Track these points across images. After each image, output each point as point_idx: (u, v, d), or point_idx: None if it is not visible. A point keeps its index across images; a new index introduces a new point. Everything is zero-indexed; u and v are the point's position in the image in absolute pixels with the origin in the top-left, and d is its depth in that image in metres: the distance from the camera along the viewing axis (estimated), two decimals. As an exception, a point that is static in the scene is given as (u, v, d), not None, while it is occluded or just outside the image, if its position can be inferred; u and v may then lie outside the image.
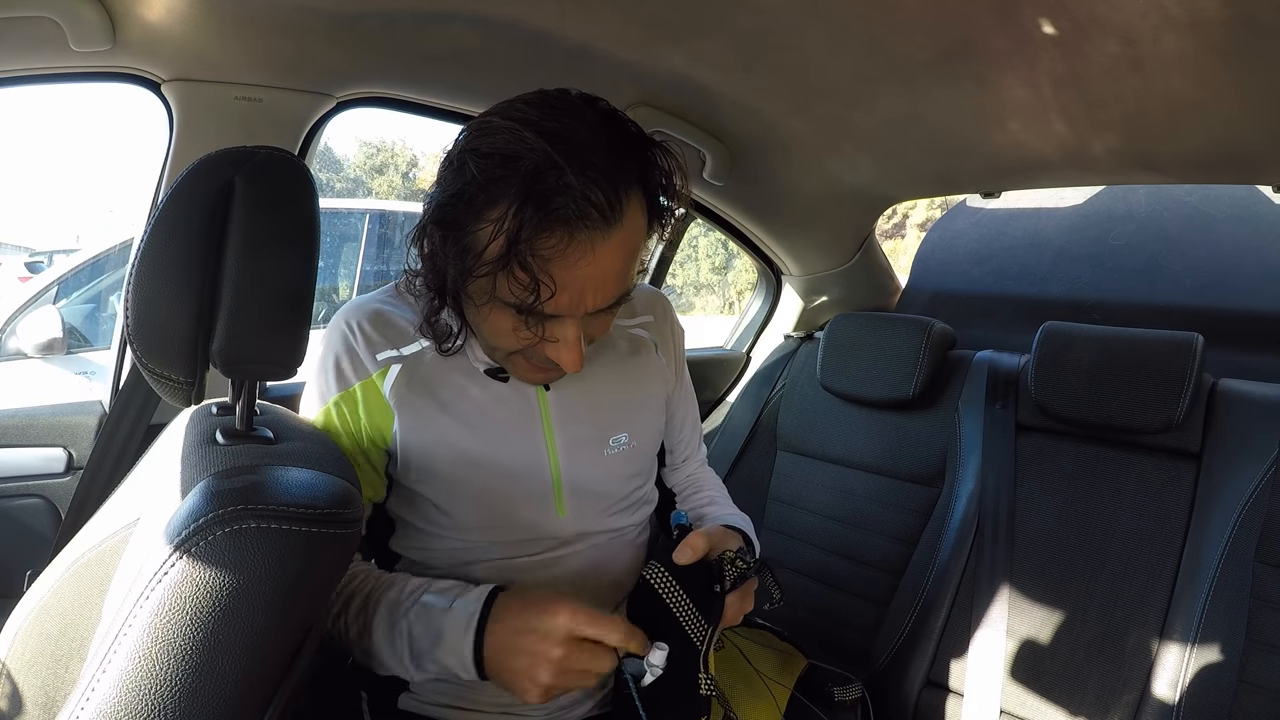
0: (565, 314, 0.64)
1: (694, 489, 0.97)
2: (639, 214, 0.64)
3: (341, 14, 0.86)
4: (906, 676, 1.15)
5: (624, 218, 0.61)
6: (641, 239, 0.66)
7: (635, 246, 0.65)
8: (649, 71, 1.02)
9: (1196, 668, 0.97)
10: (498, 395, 0.77)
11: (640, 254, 0.68)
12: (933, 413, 1.37)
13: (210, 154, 0.57)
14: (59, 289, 2.90)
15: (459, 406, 0.75)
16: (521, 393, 0.78)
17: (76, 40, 0.83)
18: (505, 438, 0.76)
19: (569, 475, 0.79)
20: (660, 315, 0.91)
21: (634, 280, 0.69)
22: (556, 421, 0.79)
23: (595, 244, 0.60)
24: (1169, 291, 1.45)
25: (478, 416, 0.76)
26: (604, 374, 0.83)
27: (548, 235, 0.58)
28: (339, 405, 0.74)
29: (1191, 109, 0.88)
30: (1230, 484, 1.05)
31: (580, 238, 0.59)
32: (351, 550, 0.54)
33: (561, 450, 0.78)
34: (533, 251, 0.59)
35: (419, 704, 0.78)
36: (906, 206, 5.37)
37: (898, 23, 0.82)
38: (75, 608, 0.56)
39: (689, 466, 0.99)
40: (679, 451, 0.97)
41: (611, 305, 0.67)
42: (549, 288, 0.60)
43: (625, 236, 0.63)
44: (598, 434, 0.81)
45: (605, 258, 0.62)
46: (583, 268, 0.61)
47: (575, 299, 0.63)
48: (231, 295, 0.55)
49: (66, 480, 1.10)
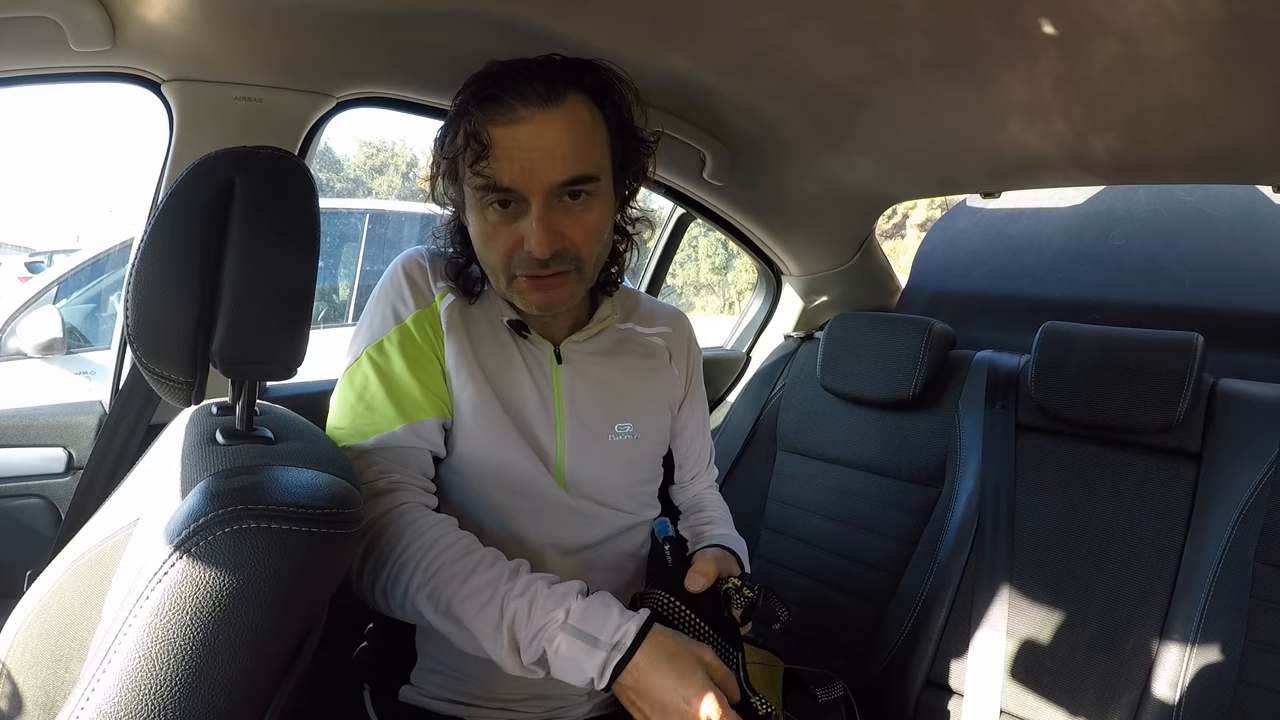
0: (523, 189, 0.70)
1: (697, 509, 0.99)
2: (583, 108, 0.72)
3: (341, 14, 0.86)
4: (906, 676, 1.15)
5: (564, 104, 0.70)
6: (590, 129, 0.72)
7: (582, 131, 0.71)
8: (649, 71, 1.02)
9: (1196, 668, 0.97)
10: (523, 357, 0.81)
11: (594, 148, 0.73)
12: (933, 413, 1.37)
13: (210, 154, 0.57)
14: (59, 289, 2.90)
15: (490, 356, 0.80)
16: (540, 363, 0.82)
17: (76, 40, 0.83)
18: (523, 397, 0.80)
19: (572, 452, 0.81)
20: (678, 329, 0.95)
21: (594, 173, 0.73)
22: (567, 397, 0.82)
23: (534, 114, 0.69)
24: (1169, 291, 1.45)
25: (505, 369, 0.80)
26: (617, 367, 0.87)
27: (491, 107, 0.69)
28: (405, 330, 0.78)
29: (1191, 109, 0.88)
30: (1230, 484, 1.05)
31: (520, 109, 0.68)
32: (352, 550, 0.54)
33: (569, 427, 0.81)
34: (479, 122, 0.69)
35: (420, 697, 0.79)
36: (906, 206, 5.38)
37: (898, 23, 0.82)
38: (75, 608, 0.56)
39: (697, 485, 1.00)
40: (687, 468, 0.98)
41: (569, 184, 0.71)
42: (489, 145, 0.68)
43: (568, 119, 0.70)
44: (605, 417, 0.84)
45: (547, 127, 0.69)
46: (523, 130, 0.69)
47: (526, 168, 0.69)
48: (231, 295, 0.55)
49: (66, 480, 1.10)
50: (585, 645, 0.63)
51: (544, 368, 0.82)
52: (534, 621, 0.64)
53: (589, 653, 0.63)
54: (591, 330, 0.85)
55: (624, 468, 0.85)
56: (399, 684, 0.80)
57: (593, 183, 0.73)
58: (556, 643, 0.63)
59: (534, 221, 0.70)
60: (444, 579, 0.66)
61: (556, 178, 0.70)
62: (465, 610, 0.65)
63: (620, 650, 0.63)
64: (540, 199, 0.70)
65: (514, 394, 0.80)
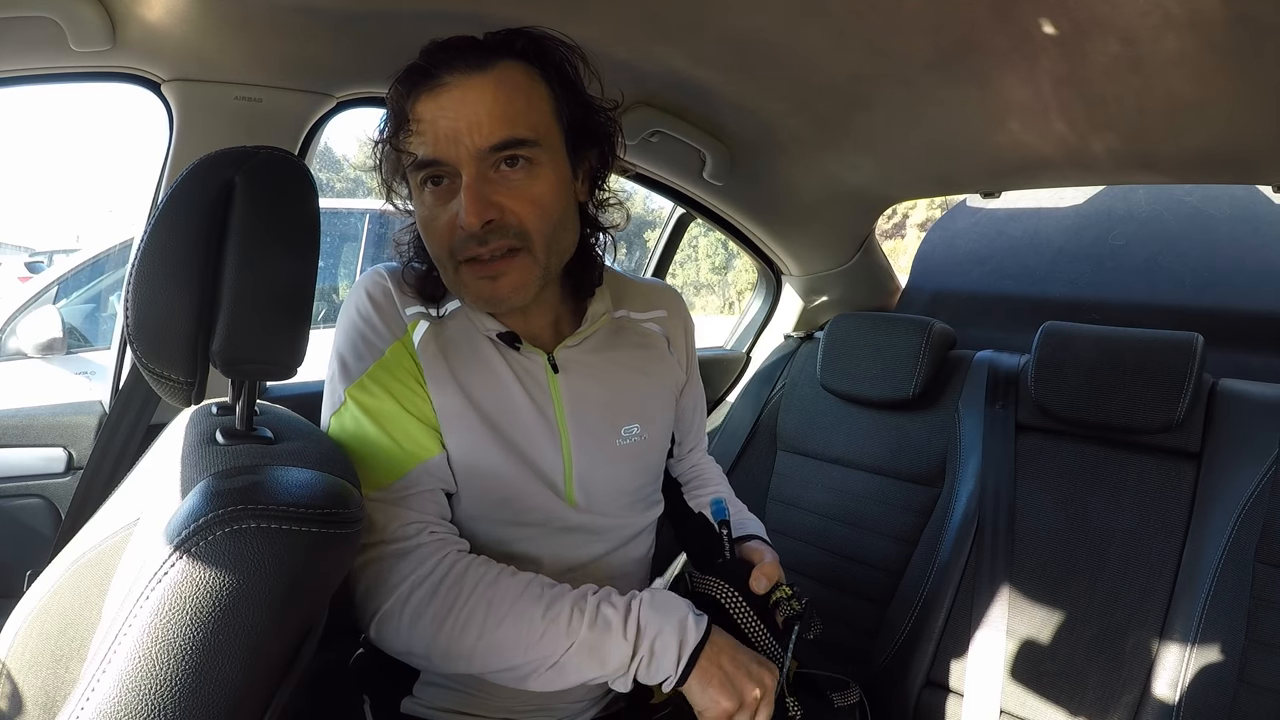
0: (450, 159, 0.67)
1: (700, 482, 0.98)
2: (517, 71, 0.68)
3: (341, 14, 0.86)
4: (906, 676, 1.15)
5: (492, 68, 0.67)
6: (523, 89, 0.68)
7: (513, 91, 0.68)
8: (649, 71, 1.02)
9: (1196, 668, 0.97)
10: (515, 374, 0.76)
11: (529, 108, 0.68)
12: (933, 413, 1.37)
13: (210, 154, 0.57)
14: (59, 289, 2.90)
15: (478, 378, 0.75)
16: (535, 376, 0.77)
17: (76, 40, 0.83)
18: (520, 417, 0.76)
19: (580, 462, 0.78)
20: (673, 311, 0.92)
21: (529, 136, 0.68)
22: (569, 406, 0.78)
23: (459, 81, 0.66)
24: (1169, 291, 1.45)
25: (497, 392, 0.75)
26: (616, 364, 0.82)
27: (418, 79, 0.67)
28: (377, 375, 0.72)
29: (1191, 109, 0.88)
30: (1230, 484, 1.05)
31: (445, 78, 0.66)
32: (352, 550, 0.54)
33: (574, 437, 0.78)
34: (406, 100, 0.68)
35: (422, 708, 0.78)
36: (906, 206, 5.37)
37: (898, 23, 0.82)
38: (75, 608, 0.56)
39: (694, 456, 1.01)
40: (686, 442, 0.98)
41: (499, 148, 0.67)
42: (415, 120, 0.67)
43: (497, 80, 0.67)
44: (610, 422, 0.80)
45: (473, 91, 0.66)
46: (447, 98, 0.66)
47: (450, 136, 0.66)
48: (231, 295, 0.55)
49: (66, 480, 1.10)
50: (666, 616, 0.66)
51: (539, 379, 0.77)
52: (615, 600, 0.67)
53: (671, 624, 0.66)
54: (585, 331, 0.80)
55: (634, 472, 0.82)
56: (400, 695, 0.78)
57: (530, 147, 0.68)
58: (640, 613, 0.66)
59: (463, 190, 0.66)
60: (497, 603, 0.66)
61: (484, 142, 0.66)
62: (533, 613, 0.65)
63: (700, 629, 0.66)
64: (470, 167, 0.66)
65: (510, 418, 0.75)
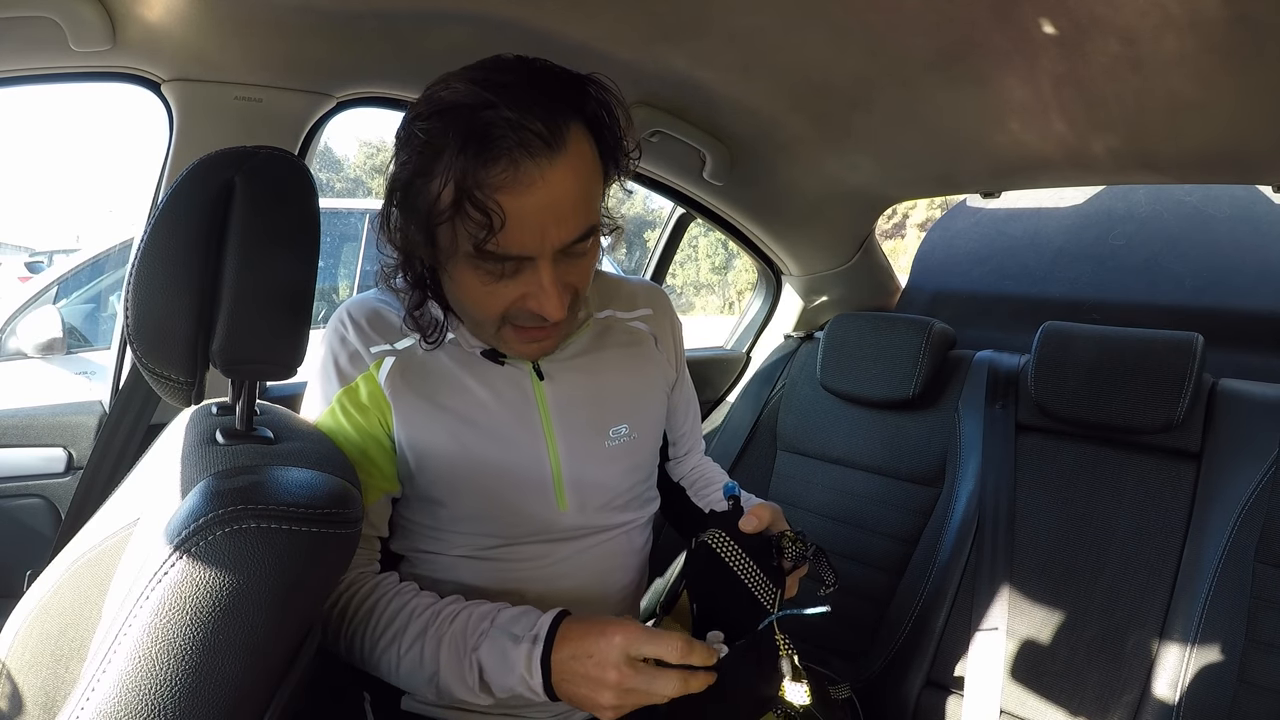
0: (532, 253, 0.63)
1: (704, 482, 0.97)
2: (584, 143, 0.64)
3: (341, 14, 0.86)
4: (906, 676, 1.15)
5: (568, 144, 0.61)
6: (593, 170, 0.65)
7: (587, 176, 0.64)
8: (649, 71, 1.02)
9: (1196, 668, 0.97)
10: (494, 389, 0.76)
11: (596, 189, 0.67)
12: (933, 413, 1.37)
13: (210, 154, 0.57)
14: (59, 289, 2.90)
15: (455, 401, 0.75)
16: (518, 385, 0.77)
17: (76, 40, 0.83)
18: (503, 431, 0.76)
19: (569, 467, 0.78)
20: (659, 309, 0.91)
21: (598, 217, 0.67)
22: (555, 413, 0.78)
23: (543, 170, 0.60)
24: (1169, 291, 1.45)
25: (474, 410, 0.75)
26: (602, 365, 0.82)
27: (492, 166, 0.59)
28: (342, 401, 0.74)
29: (1191, 109, 0.88)
30: (1230, 484, 1.05)
31: (526, 165, 0.59)
32: (351, 550, 0.54)
33: (561, 442, 0.78)
34: (480, 186, 0.59)
35: (423, 705, 0.78)
36: (906, 206, 5.37)
37: (898, 23, 0.82)
38: (75, 608, 0.56)
39: (692, 459, 1.00)
40: (681, 444, 0.98)
41: (578, 240, 0.65)
42: (499, 217, 0.59)
43: (573, 164, 0.62)
44: (598, 424, 0.80)
45: (557, 184, 0.61)
46: (534, 196, 0.60)
47: (536, 233, 0.62)
48: (231, 295, 0.55)
49: (66, 480, 1.10)
50: (510, 643, 0.65)
51: (524, 388, 0.77)
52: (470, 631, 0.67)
53: (514, 649, 0.64)
54: (569, 338, 0.80)
55: (624, 470, 0.83)
56: (400, 693, 0.78)
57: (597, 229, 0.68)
58: (483, 648, 0.65)
59: (545, 284, 0.65)
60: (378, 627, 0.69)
61: (567, 237, 0.64)
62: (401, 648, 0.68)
63: (539, 643, 0.64)
64: (548, 259, 0.64)
65: (490, 432, 0.75)
